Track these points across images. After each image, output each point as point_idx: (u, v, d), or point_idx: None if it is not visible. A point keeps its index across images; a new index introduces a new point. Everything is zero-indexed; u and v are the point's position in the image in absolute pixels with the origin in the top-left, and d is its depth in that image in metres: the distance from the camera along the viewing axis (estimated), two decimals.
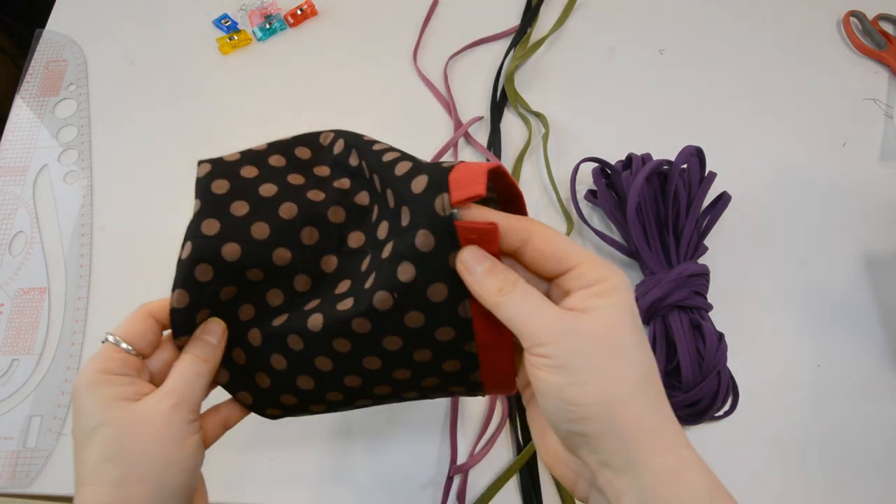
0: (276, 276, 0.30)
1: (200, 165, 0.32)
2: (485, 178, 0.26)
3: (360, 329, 0.28)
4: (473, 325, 0.28)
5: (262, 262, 0.29)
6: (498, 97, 0.59)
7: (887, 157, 0.55)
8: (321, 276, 0.30)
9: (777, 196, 0.53)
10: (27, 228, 0.55)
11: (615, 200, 0.50)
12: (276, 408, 0.32)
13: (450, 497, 0.43)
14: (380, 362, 0.29)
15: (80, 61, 0.64)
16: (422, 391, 0.31)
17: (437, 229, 0.26)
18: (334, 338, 0.29)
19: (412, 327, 0.28)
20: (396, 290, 0.27)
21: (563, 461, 0.27)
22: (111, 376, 0.28)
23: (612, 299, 0.25)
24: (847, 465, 0.43)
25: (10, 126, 0.60)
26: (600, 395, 0.24)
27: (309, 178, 0.32)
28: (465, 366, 0.29)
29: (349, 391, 0.31)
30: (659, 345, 0.44)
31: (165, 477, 0.27)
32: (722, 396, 0.43)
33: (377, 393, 0.31)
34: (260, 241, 0.29)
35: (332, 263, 0.30)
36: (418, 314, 0.27)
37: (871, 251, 0.51)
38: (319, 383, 0.30)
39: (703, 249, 0.48)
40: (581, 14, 0.64)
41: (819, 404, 0.45)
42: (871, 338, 0.47)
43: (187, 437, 0.28)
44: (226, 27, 0.64)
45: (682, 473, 0.24)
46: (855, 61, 0.60)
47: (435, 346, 0.28)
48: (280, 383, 0.31)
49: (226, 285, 0.29)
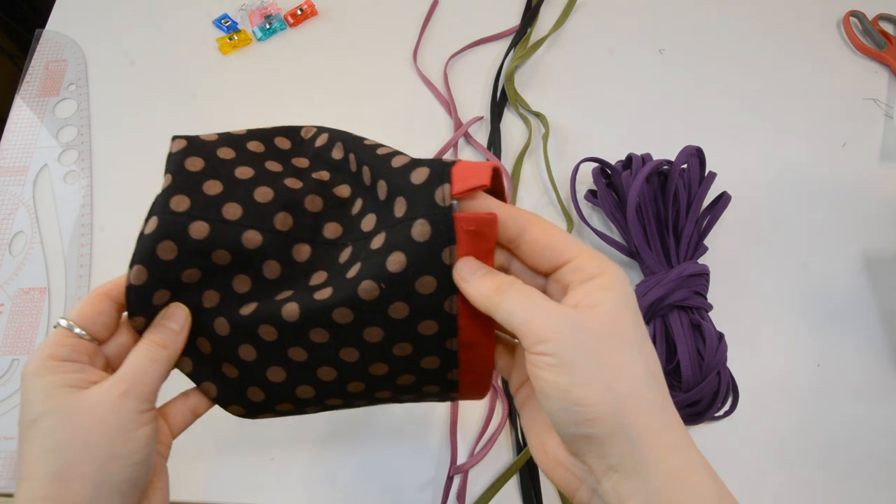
0: (244, 260, 0.28)
1: (175, 141, 0.30)
2: (489, 171, 0.26)
3: (340, 319, 0.27)
4: (458, 321, 0.27)
5: (230, 244, 0.28)
6: (498, 97, 0.59)
7: (887, 157, 0.55)
8: (291, 265, 0.29)
9: (777, 196, 0.53)
10: (27, 228, 0.55)
11: (615, 200, 0.50)
12: (241, 404, 0.31)
13: (450, 497, 0.43)
14: (357, 354, 0.28)
15: (80, 61, 0.64)
16: (395, 391, 0.30)
17: (435, 220, 0.25)
18: (312, 328, 0.28)
19: (395, 319, 0.27)
20: (384, 279, 0.26)
21: (564, 466, 0.26)
22: (59, 363, 0.26)
23: (613, 293, 0.24)
24: (847, 465, 0.43)
25: (10, 126, 0.60)
26: (607, 393, 0.23)
27: (287, 167, 0.31)
28: (444, 363, 0.29)
29: (321, 386, 0.30)
30: (659, 345, 0.44)
31: (108, 470, 0.25)
32: (722, 396, 0.43)
33: (350, 391, 0.30)
34: (231, 222, 0.28)
35: (305, 253, 0.29)
36: (403, 305, 0.27)
37: (871, 251, 0.51)
38: (291, 375, 0.29)
39: (703, 249, 0.48)
40: (581, 14, 0.64)
41: (819, 404, 0.45)
42: (871, 338, 0.47)
43: (137, 427, 0.26)
44: (226, 27, 0.64)
45: (690, 475, 0.23)
46: (855, 61, 0.60)
47: (416, 340, 0.28)
48: (248, 375, 0.30)
49: (189, 267, 0.28)
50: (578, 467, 0.25)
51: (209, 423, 0.41)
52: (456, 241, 0.26)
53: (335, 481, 0.44)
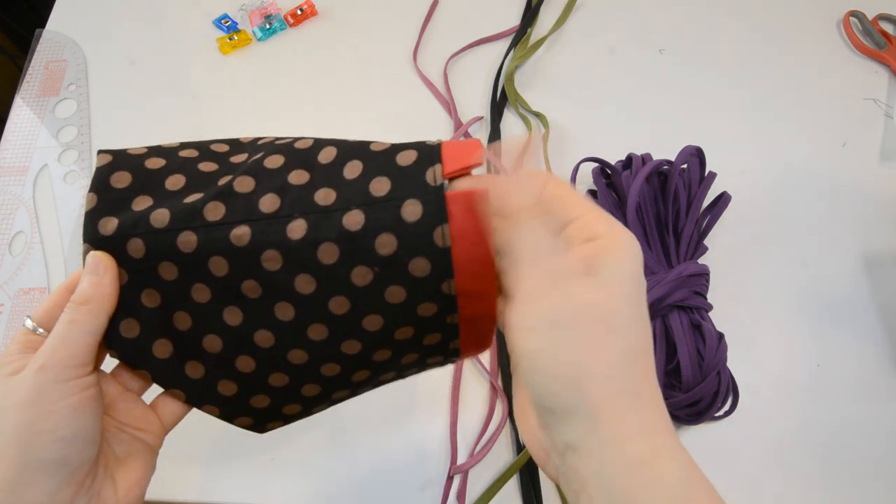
0: (190, 267, 0.26)
1: (99, 155, 0.28)
2: (480, 149, 0.25)
3: (337, 310, 0.26)
4: (458, 301, 0.26)
5: (168, 252, 0.26)
6: (498, 97, 0.59)
7: (887, 157, 0.55)
8: (235, 254, 0.26)
9: (777, 196, 0.53)
10: (27, 228, 0.55)
11: (615, 200, 0.50)
12: (247, 415, 0.30)
13: (450, 497, 0.43)
14: (359, 346, 0.27)
15: (80, 61, 0.64)
16: (400, 369, 0.29)
17: (426, 199, 0.24)
18: (310, 324, 0.26)
19: (393, 304, 0.26)
20: (377, 263, 0.25)
21: (536, 438, 0.25)
22: (10, 357, 0.26)
23: (614, 258, 0.23)
24: (847, 465, 0.43)
25: (10, 126, 0.60)
26: (571, 367, 0.22)
27: (223, 165, 0.29)
28: (446, 336, 0.28)
29: (327, 382, 0.28)
30: (659, 345, 0.44)
31: (31, 447, 0.24)
32: (722, 396, 0.43)
33: (355, 380, 0.29)
34: (160, 230, 0.26)
35: (245, 236, 0.26)
36: (399, 289, 0.25)
37: (871, 251, 0.51)
38: (294, 378, 0.28)
39: (703, 249, 0.48)
40: (581, 14, 0.64)
41: (819, 404, 0.45)
42: (871, 338, 0.47)
43: (58, 400, 0.24)
44: (226, 27, 0.64)
45: (656, 462, 0.21)
46: (855, 61, 0.60)
47: (417, 323, 0.27)
48: (249, 386, 0.28)
49: (144, 288, 0.27)
50: (546, 440, 0.24)
51: (209, 423, 0.41)
52: (448, 219, 0.25)
53: (335, 481, 0.44)
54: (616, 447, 0.21)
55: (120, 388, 0.29)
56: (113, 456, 0.28)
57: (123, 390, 0.29)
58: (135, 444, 0.29)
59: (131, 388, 0.30)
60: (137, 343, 0.27)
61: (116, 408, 0.29)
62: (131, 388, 0.30)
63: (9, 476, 0.24)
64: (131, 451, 0.28)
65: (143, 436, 0.29)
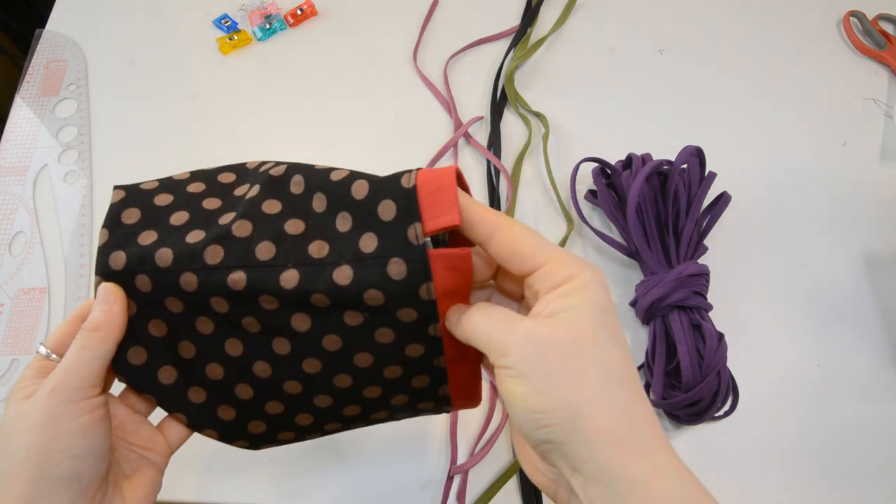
0: (195, 304, 0.28)
1: (115, 191, 0.30)
2: (457, 203, 0.26)
3: (330, 347, 0.28)
4: (443, 341, 0.28)
5: (174, 290, 0.28)
6: (498, 97, 0.59)
7: (887, 157, 0.55)
8: (233, 295, 0.28)
9: (777, 196, 0.53)
10: (27, 228, 0.55)
11: (615, 200, 0.50)
12: (244, 439, 0.31)
13: (450, 497, 0.43)
14: (350, 380, 0.29)
15: (80, 61, 0.64)
16: (391, 410, 0.31)
17: (411, 259, 0.26)
18: (304, 358, 0.28)
19: (383, 343, 0.28)
20: (367, 310, 0.27)
21: (540, 471, 0.27)
22: (25, 382, 0.27)
23: (577, 298, 0.24)
24: (847, 465, 0.43)
25: (10, 126, 0.60)
26: (560, 399, 0.23)
27: (227, 200, 0.30)
28: (434, 380, 0.29)
29: (319, 413, 0.30)
30: (659, 345, 0.44)
31: (45, 467, 0.25)
32: (722, 396, 0.43)
33: (347, 414, 0.31)
34: (165, 269, 0.28)
35: (241, 281, 0.27)
36: (388, 330, 0.27)
37: (871, 251, 0.51)
38: (289, 407, 0.30)
39: (703, 249, 0.48)
40: (581, 14, 0.64)
41: (819, 404, 0.45)
42: (871, 338, 0.47)
43: (71, 419, 0.26)
44: (226, 27, 0.64)
45: (656, 481, 0.23)
46: (855, 61, 0.60)
47: (405, 363, 0.28)
48: (247, 412, 0.30)
49: (152, 318, 0.29)
50: (550, 470, 0.26)
51: None
52: (432, 278, 0.26)
53: (335, 481, 0.44)
54: (618, 469, 0.23)
55: (128, 411, 0.31)
56: (122, 473, 0.30)
57: (131, 412, 0.31)
58: (142, 463, 0.30)
59: (139, 410, 0.31)
60: (144, 369, 0.29)
61: (125, 429, 0.30)
62: (139, 410, 0.31)
63: (26, 493, 0.25)
64: (139, 470, 0.30)
65: (150, 455, 0.31)
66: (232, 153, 0.58)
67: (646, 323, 0.46)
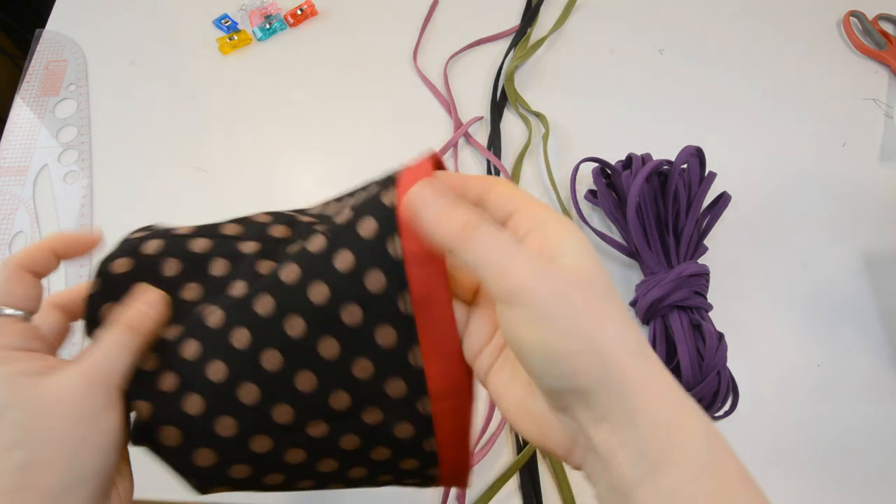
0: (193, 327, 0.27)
1: (116, 262, 0.29)
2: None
3: (303, 387, 0.26)
4: (426, 372, 0.26)
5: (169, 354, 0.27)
6: (498, 97, 0.59)
7: (887, 157, 0.55)
8: (201, 327, 0.27)
9: (777, 196, 0.53)
10: (27, 228, 0.55)
11: (615, 200, 0.50)
12: (225, 485, 0.29)
13: (450, 497, 0.43)
14: (326, 427, 0.27)
15: (80, 61, 0.64)
16: (371, 467, 0.29)
17: (387, 269, 0.24)
18: (276, 404, 0.26)
19: (360, 379, 0.26)
20: (341, 334, 0.25)
21: (553, 428, 0.24)
22: (12, 352, 0.26)
23: (570, 240, 0.23)
24: (847, 465, 0.43)
25: (10, 126, 0.60)
26: (589, 342, 0.22)
27: (234, 265, 0.29)
28: (419, 432, 0.27)
29: (289, 469, 0.28)
30: (659, 345, 0.44)
31: (78, 458, 0.25)
32: (722, 396, 0.43)
33: (321, 469, 0.28)
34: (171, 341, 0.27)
35: (217, 316, 0.26)
36: (367, 362, 0.25)
37: (871, 251, 0.51)
38: (257, 468, 0.28)
39: (703, 249, 0.48)
40: (581, 14, 0.65)
41: (819, 404, 0.45)
42: (871, 338, 0.47)
43: (105, 415, 0.26)
44: (226, 27, 0.64)
45: (682, 421, 0.21)
46: (855, 61, 0.60)
47: (385, 404, 0.26)
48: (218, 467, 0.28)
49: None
50: (568, 425, 0.24)
51: None
52: (409, 289, 0.24)
53: None
54: (646, 410, 0.21)
55: None
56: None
57: None
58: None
59: None
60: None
61: None
62: None
63: (57, 485, 0.25)
64: (123, 457, 0.29)
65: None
66: (232, 153, 0.58)
67: (646, 323, 0.46)
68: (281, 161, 0.57)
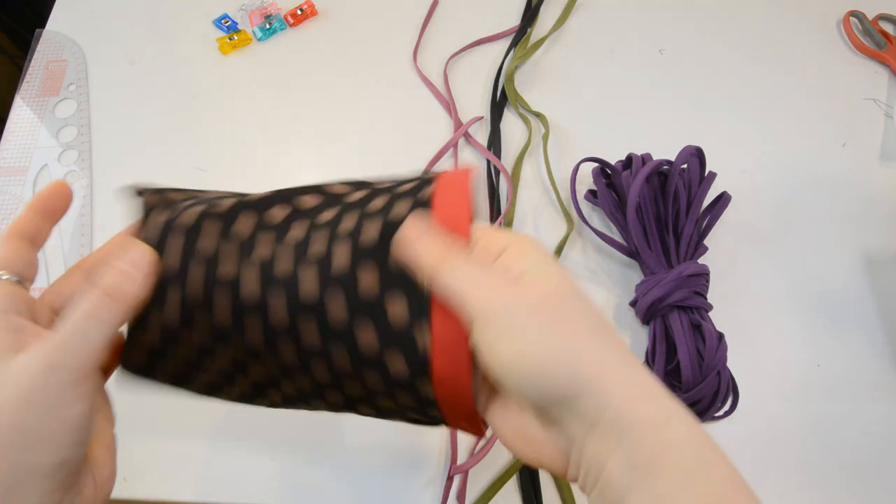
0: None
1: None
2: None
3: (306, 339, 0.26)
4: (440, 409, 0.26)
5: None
6: (498, 97, 0.59)
7: (887, 157, 0.55)
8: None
9: (777, 196, 0.53)
10: None
11: (615, 200, 0.50)
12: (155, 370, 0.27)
13: (450, 497, 0.43)
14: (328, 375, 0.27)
15: (80, 61, 0.64)
16: (377, 408, 0.28)
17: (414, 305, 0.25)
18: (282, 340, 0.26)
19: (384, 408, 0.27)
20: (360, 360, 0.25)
21: (549, 447, 0.25)
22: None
23: (532, 258, 0.24)
24: (847, 465, 0.43)
25: (10, 126, 0.60)
26: (561, 351, 0.22)
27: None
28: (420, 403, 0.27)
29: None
30: (659, 345, 0.44)
31: (27, 455, 0.21)
32: (722, 396, 0.43)
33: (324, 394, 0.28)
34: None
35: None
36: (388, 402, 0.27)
37: (871, 251, 0.51)
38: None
39: (703, 249, 0.48)
40: (581, 14, 0.65)
41: (819, 404, 0.45)
42: (871, 338, 0.47)
43: (69, 405, 0.22)
44: (226, 27, 0.64)
45: (670, 423, 0.22)
46: (855, 61, 0.60)
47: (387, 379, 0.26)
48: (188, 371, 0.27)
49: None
50: (560, 441, 0.24)
51: (209, 423, 0.41)
52: (431, 324, 0.25)
53: (335, 481, 0.44)
54: (631, 414, 0.22)
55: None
56: (90, 451, 0.25)
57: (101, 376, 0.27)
58: (106, 436, 0.26)
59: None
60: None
61: None
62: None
63: (6, 481, 0.21)
64: (102, 445, 0.26)
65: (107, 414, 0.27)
66: (232, 153, 0.58)
67: (646, 323, 0.46)
68: (281, 161, 0.57)
